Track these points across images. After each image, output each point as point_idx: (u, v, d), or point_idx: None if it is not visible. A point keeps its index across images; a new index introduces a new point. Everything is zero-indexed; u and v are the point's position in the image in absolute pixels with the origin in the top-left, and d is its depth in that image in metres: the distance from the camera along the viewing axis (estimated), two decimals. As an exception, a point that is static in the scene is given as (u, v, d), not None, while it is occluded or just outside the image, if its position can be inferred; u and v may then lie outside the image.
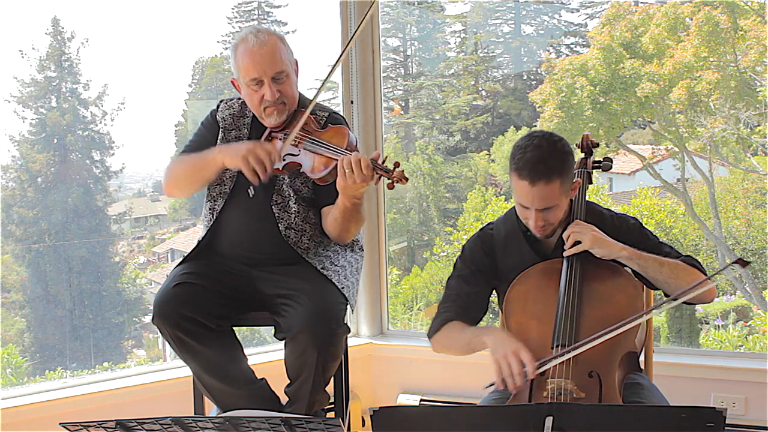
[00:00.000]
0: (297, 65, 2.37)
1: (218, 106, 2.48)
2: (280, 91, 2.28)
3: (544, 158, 1.95)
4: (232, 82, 2.39)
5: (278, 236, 2.34)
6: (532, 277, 2.10)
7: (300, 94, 2.39)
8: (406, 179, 2.04)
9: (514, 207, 2.21)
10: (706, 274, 2.02)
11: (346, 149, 2.14)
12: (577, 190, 2.13)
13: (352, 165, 2.05)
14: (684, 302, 1.98)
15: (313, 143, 2.20)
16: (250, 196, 2.35)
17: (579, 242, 2.02)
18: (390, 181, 2.05)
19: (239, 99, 2.46)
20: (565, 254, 2.05)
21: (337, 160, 2.10)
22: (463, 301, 2.18)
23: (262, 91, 2.27)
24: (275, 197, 2.36)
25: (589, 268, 2.04)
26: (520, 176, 1.98)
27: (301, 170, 2.22)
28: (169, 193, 2.48)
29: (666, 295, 2.05)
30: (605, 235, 2.03)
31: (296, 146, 2.23)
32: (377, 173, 2.06)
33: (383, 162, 2.08)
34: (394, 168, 2.05)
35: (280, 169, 2.24)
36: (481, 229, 2.28)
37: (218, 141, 2.42)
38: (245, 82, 2.29)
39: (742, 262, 1.84)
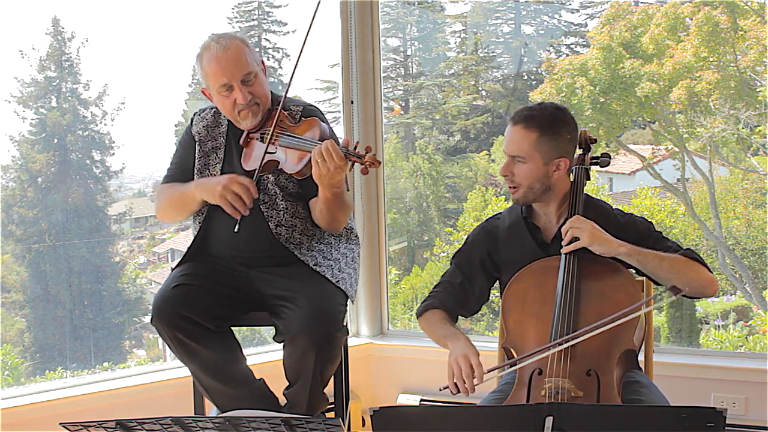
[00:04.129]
0: (264, 64, 2.37)
1: (192, 120, 2.48)
2: (251, 92, 2.27)
3: (534, 110, 2.07)
4: (202, 91, 2.38)
5: (270, 235, 2.35)
6: (530, 275, 2.09)
7: (272, 92, 2.38)
8: (379, 162, 2.05)
9: None
10: (706, 266, 2.04)
11: (319, 140, 2.13)
12: (563, 170, 2.10)
13: (324, 154, 2.05)
14: (687, 296, 1.97)
15: (287, 138, 2.21)
16: (235, 231, 2.22)
17: (577, 239, 2.01)
18: (363, 165, 2.05)
19: (212, 108, 2.45)
20: (562, 251, 2.04)
21: (310, 152, 2.10)
22: (454, 290, 2.21)
23: (233, 95, 2.27)
24: (262, 197, 2.35)
25: (588, 265, 2.03)
26: (509, 122, 2.10)
27: (279, 167, 2.23)
28: (161, 219, 2.53)
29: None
30: (605, 232, 2.02)
31: (273, 144, 2.23)
32: (350, 159, 2.06)
33: (355, 148, 2.08)
34: (366, 153, 2.05)
35: (260, 169, 2.24)
36: (487, 219, 2.30)
37: (196, 154, 2.42)
38: (215, 90, 2.29)
39: (675, 290, 1.85)
